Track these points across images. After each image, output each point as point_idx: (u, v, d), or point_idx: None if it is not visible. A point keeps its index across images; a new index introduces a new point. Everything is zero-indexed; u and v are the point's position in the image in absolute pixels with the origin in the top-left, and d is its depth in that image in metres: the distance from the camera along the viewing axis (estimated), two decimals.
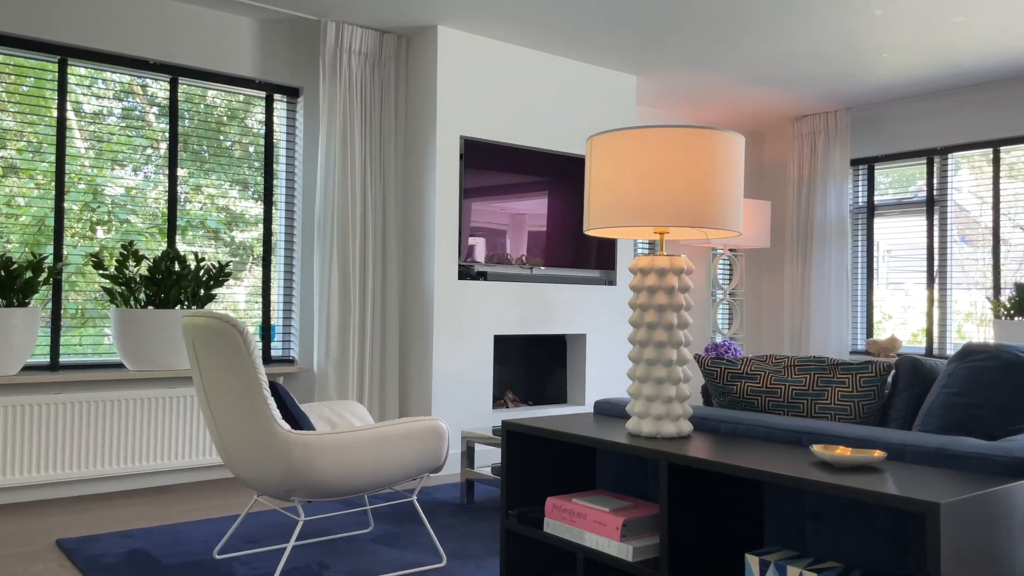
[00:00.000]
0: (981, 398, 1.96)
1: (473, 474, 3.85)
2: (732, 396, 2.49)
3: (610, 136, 2.16)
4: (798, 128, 6.75)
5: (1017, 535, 1.64)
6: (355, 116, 4.67)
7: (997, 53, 5.07)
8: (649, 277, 2.21)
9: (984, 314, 5.91)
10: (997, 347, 2.01)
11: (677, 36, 4.80)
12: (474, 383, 4.75)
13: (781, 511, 2.04)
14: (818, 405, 2.33)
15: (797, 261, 6.69)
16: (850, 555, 1.89)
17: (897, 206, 6.40)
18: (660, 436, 2.15)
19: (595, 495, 2.29)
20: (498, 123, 4.92)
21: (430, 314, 4.62)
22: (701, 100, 6.24)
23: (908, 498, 1.51)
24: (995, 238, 5.79)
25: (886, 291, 6.50)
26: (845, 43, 4.90)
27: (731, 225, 2.14)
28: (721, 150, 2.10)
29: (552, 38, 4.86)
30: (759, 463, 1.82)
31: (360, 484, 2.74)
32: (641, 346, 2.21)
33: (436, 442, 2.88)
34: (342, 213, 4.63)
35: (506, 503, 2.40)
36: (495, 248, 4.87)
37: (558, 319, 5.12)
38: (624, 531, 2.04)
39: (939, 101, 6.04)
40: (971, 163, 6.00)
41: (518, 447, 2.44)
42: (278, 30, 4.72)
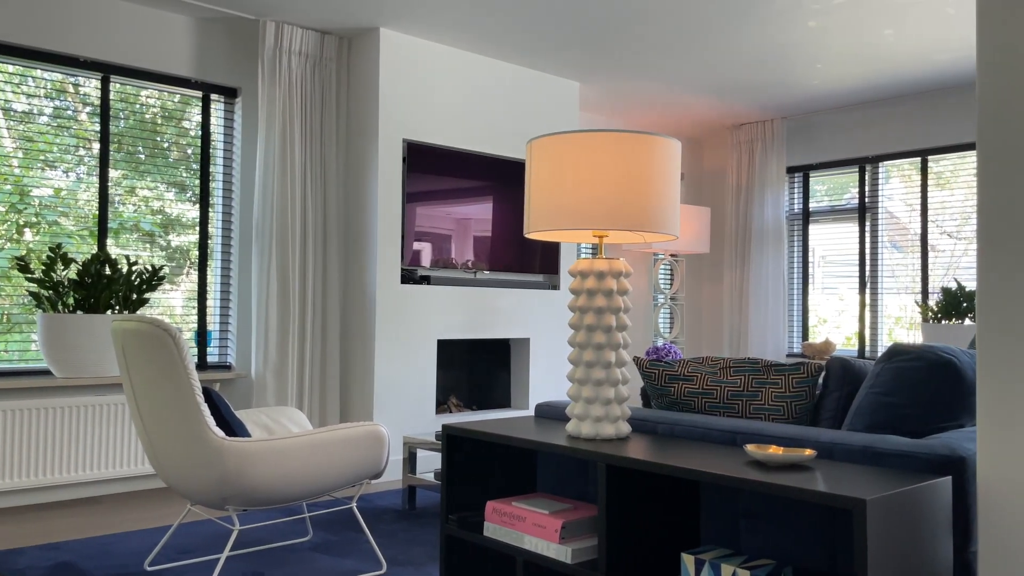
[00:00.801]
0: (906, 397, 2.02)
1: (415, 480, 3.82)
2: (670, 397, 2.52)
3: (549, 139, 2.17)
4: (736, 136, 6.90)
5: (940, 530, 1.69)
6: (295, 118, 4.60)
7: (925, 65, 5.26)
8: (588, 280, 2.22)
9: (913, 318, 6.11)
10: (921, 348, 2.08)
11: (619, 44, 4.86)
12: (417, 388, 4.72)
13: (717, 510, 2.07)
14: (753, 405, 2.38)
15: (736, 266, 6.82)
16: (783, 552, 1.93)
17: (831, 213, 6.59)
18: (599, 438, 2.16)
19: (535, 498, 2.29)
20: (442, 127, 4.90)
21: (372, 319, 4.58)
22: (643, 107, 6.32)
23: (836, 495, 1.54)
24: (923, 244, 5.99)
25: (821, 295, 6.68)
26: (781, 54, 5.02)
27: (668, 228, 2.17)
28: (658, 154, 2.13)
29: (496, 43, 4.87)
30: (695, 463, 1.84)
31: (298, 492, 2.69)
32: (580, 348, 2.22)
33: (376, 448, 2.84)
34: (282, 216, 4.56)
35: (446, 508, 2.39)
36: (440, 253, 4.85)
37: (502, 323, 5.12)
38: (563, 533, 2.05)
39: (870, 111, 6.24)
40: (901, 172, 6.21)
41: (459, 452, 2.43)
42: (215, 29, 4.63)
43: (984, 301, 1.75)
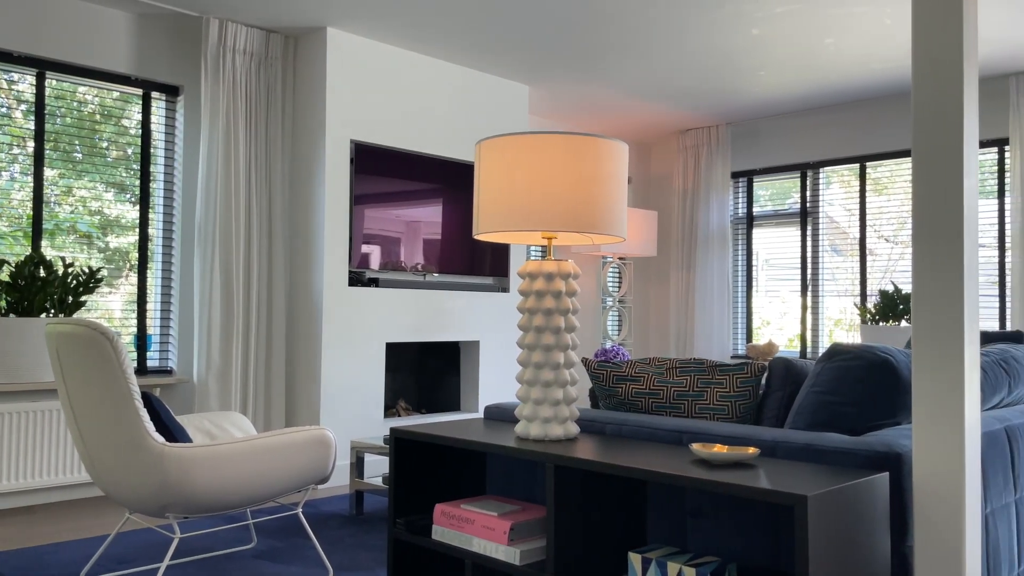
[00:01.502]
0: (846, 396, 2.07)
1: (363, 485, 3.78)
2: (618, 398, 2.54)
3: (498, 141, 2.17)
4: (683, 141, 7.00)
5: (878, 524, 1.74)
6: (239, 117, 4.51)
7: (864, 74, 5.41)
8: (537, 282, 2.22)
9: (852, 320, 6.28)
10: (860, 347, 2.13)
11: (568, 49, 4.89)
12: (365, 392, 4.67)
13: (664, 509, 2.09)
14: (698, 405, 2.41)
15: (682, 269, 6.92)
16: (729, 549, 1.96)
17: (774, 217, 6.73)
18: (548, 439, 2.17)
19: (484, 500, 2.29)
20: (391, 128, 4.87)
21: (319, 322, 4.51)
22: (592, 111, 6.38)
23: (778, 491, 1.57)
24: (862, 248, 6.17)
25: (765, 298, 6.82)
26: (725, 61, 5.12)
27: (615, 230, 2.18)
28: (605, 157, 2.15)
29: (445, 45, 4.86)
30: (642, 463, 1.86)
31: (241, 498, 2.63)
32: (529, 350, 2.23)
33: (322, 452, 2.80)
34: (225, 217, 4.47)
35: (393, 512, 2.37)
36: (390, 255, 4.81)
37: (452, 326, 5.10)
38: (512, 535, 2.04)
39: (812, 118, 6.40)
40: (840, 177, 6.38)
41: (407, 455, 2.41)
42: (156, 25, 4.52)
43: (918, 303, 1.80)
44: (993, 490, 2.14)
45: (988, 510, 2.11)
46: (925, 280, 1.80)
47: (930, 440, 1.78)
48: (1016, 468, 2.28)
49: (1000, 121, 5.50)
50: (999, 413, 2.40)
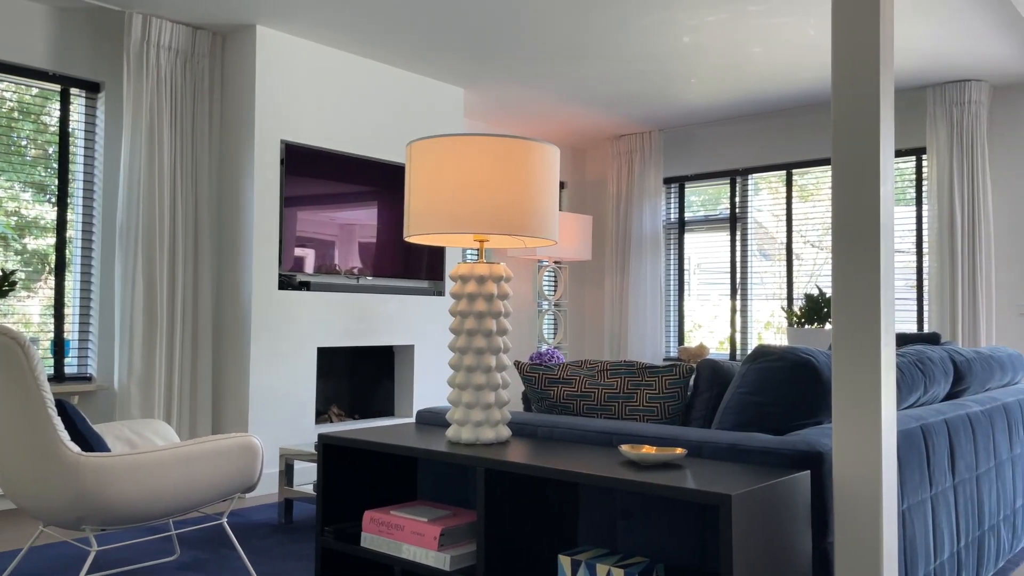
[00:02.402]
0: (770, 396, 2.11)
1: (292, 492, 3.70)
2: (550, 401, 2.54)
3: (429, 142, 2.15)
4: (616, 147, 7.09)
5: (800, 522, 1.78)
6: (164, 115, 4.38)
7: (790, 83, 5.57)
8: (469, 284, 2.21)
9: (780, 322, 6.44)
10: (784, 349, 2.18)
11: (503, 53, 4.89)
12: (295, 398, 4.58)
13: (595, 511, 2.10)
14: (628, 407, 2.43)
15: (616, 273, 7.00)
16: (657, 549, 1.98)
17: (705, 222, 6.87)
18: (479, 442, 2.15)
19: (415, 506, 2.26)
20: (323, 129, 4.79)
21: (247, 326, 4.41)
22: (527, 115, 6.40)
23: (703, 491, 1.59)
24: (788, 253, 6.34)
25: (696, 302, 6.95)
26: (658, 68, 5.20)
27: (547, 233, 2.19)
28: (536, 160, 2.15)
29: (379, 46, 4.81)
30: (572, 465, 1.86)
31: (162, 509, 2.54)
32: (461, 353, 2.21)
33: (248, 460, 2.73)
34: (148, 218, 4.32)
35: (322, 519, 2.32)
36: (324, 258, 4.73)
37: (386, 330, 5.04)
38: (442, 540, 2.02)
39: (741, 125, 6.55)
40: (768, 184, 6.55)
41: (336, 462, 2.37)
42: (76, 20, 4.35)
43: (838, 306, 1.85)
44: (909, 486, 2.21)
45: (905, 506, 2.18)
46: (844, 283, 1.85)
47: (849, 439, 1.83)
48: (931, 465, 2.37)
49: (918, 131, 5.73)
50: (915, 412, 2.49)
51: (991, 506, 2.88)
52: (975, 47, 4.76)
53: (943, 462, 2.45)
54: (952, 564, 2.51)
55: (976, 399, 3.04)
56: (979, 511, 2.76)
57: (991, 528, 2.89)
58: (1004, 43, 4.68)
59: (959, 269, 5.36)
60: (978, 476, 2.75)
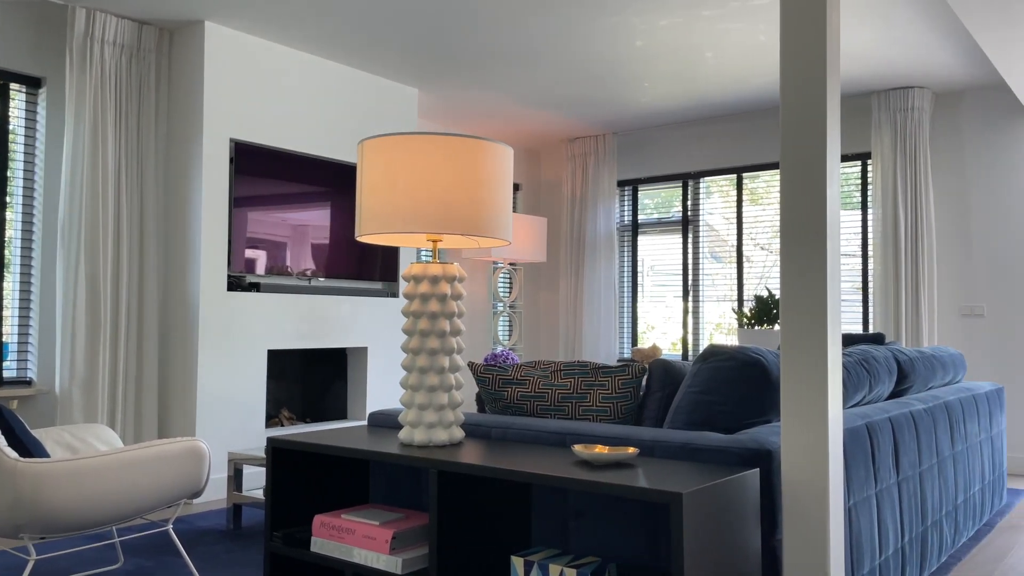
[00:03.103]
0: (721, 395, 2.14)
1: (241, 498, 3.62)
2: (504, 402, 2.53)
3: (381, 141, 2.12)
4: (571, 149, 7.12)
5: (750, 519, 1.80)
6: (108, 111, 4.26)
7: (741, 88, 5.66)
8: (422, 285, 2.19)
9: (731, 324, 6.54)
10: (734, 348, 2.21)
11: (457, 54, 4.88)
12: (245, 401, 4.49)
13: (548, 511, 2.10)
14: (582, 407, 2.43)
15: (571, 275, 7.03)
16: (610, 549, 1.98)
17: (658, 225, 6.94)
18: (432, 444, 2.14)
19: (366, 509, 2.23)
20: (274, 128, 4.71)
21: (194, 328, 4.31)
22: (482, 116, 6.39)
23: (654, 490, 1.60)
24: (739, 256, 6.44)
25: (650, 303, 7.01)
26: (611, 71, 5.23)
27: (500, 234, 2.18)
28: (489, 160, 2.14)
29: (331, 44, 4.75)
30: (524, 465, 1.85)
31: (104, 516, 2.46)
32: (414, 354, 2.19)
33: (195, 465, 2.67)
34: (91, 218, 4.20)
35: (270, 524, 2.27)
36: (276, 260, 4.65)
37: (338, 332, 4.98)
38: (394, 544, 2.00)
39: (693, 129, 6.64)
40: (720, 187, 6.65)
41: (285, 465, 2.32)
42: (16, 12, 4.21)
43: (786, 306, 1.88)
44: (855, 483, 2.25)
45: (851, 502, 2.23)
46: (792, 285, 1.88)
47: (797, 437, 1.86)
48: (876, 462, 2.42)
49: (864, 136, 5.87)
50: (861, 410, 2.54)
51: (934, 502, 2.96)
52: (918, 55, 4.90)
53: (888, 459, 2.51)
54: (897, 559, 2.56)
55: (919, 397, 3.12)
56: (922, 507, 2.83)
57: (934, 524, 2.96)
58: (946, 52, 4.82)
59: (903, 271, 5.50)
60: (921, 473, 2.82)
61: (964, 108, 5.55)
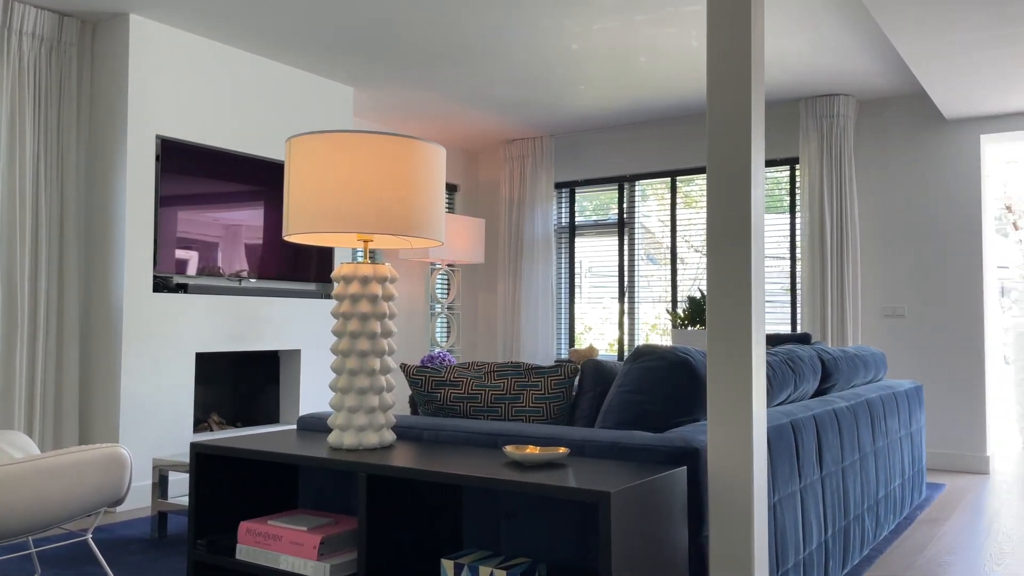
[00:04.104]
0: (650, 394, 2.16)
1: (166, 505, 3.52)
2: (437, 403, 2.51)
3: (310, 138, 2.09)
4: (509, 151, 7.13)
5: (677, 517, 1.82)
6: (26, 106, 4.09)
7: (675, 93, 5.75)
8: (352, 285, 2.16)
9: (665, 325, 6.64)
10: (663, 348, 2.24)
11: (392, 53, 4.83)
12: (172, 406, 4.36)
13: (479, 513, 2.09)
14: (515, 408, 2.43)
15: (509, 276, 7.04)
16: (541, 549, 1.98)
17: (595, 227, 7.00)
18: (362, 448, 2.11)
19: (294, 515, 2.18)
20: (204, 125, 4.59)
21: (118, 331, 4.16)
22: (419, 117, 6.35)
23: (583, 489, 1.61)
24: (673, 258, 6.54)
25: (588, 305, 7.07)
26: (547, 73, 5.26)
27: (432, 234, 2.16)
28: (421, 159, 2.12)
29: (264, 40, 4.66)
30: (455, 467, 1.84)
31: (19, 525, 2.36)
32: (344, 356, 2.16)
33: (116, 472, 2.57)
34: (8, 216, 4.03)
35: (194, 532, 2.21)
36: (207, 260, 4.53)
37: (271, 334, 4.88)
38: (322, 549, 1.96)
39: (628, 133, 6.72)
40: (654, 190, 6.75)
41: (210, 471, 2.26)
42: None
43: (712, 307, 1.91)
44: (780, 480, 2.31)
45: (776, 498, 2.28)
46: (718, 286, 1.91)
47: (723, 435, 1.89)
48: (800, 459, 2.48)
49: (792, 142, 6.03)
50: (786, 408, 2.60)
51: (856, 497, 3.05)
52: (844, 64, 5.05)
53: (812, 456, 2.58)
54: (820, 553, 2.63)
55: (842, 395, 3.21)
56: (845, 502, 2.92)
57: (856, 518, 3.06)
58: (869, 61, 4.99)
59: (828, 273, 5.67)
60: (844, 468, 2.91)
61: (887, 116, 5.76)
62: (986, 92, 4.90)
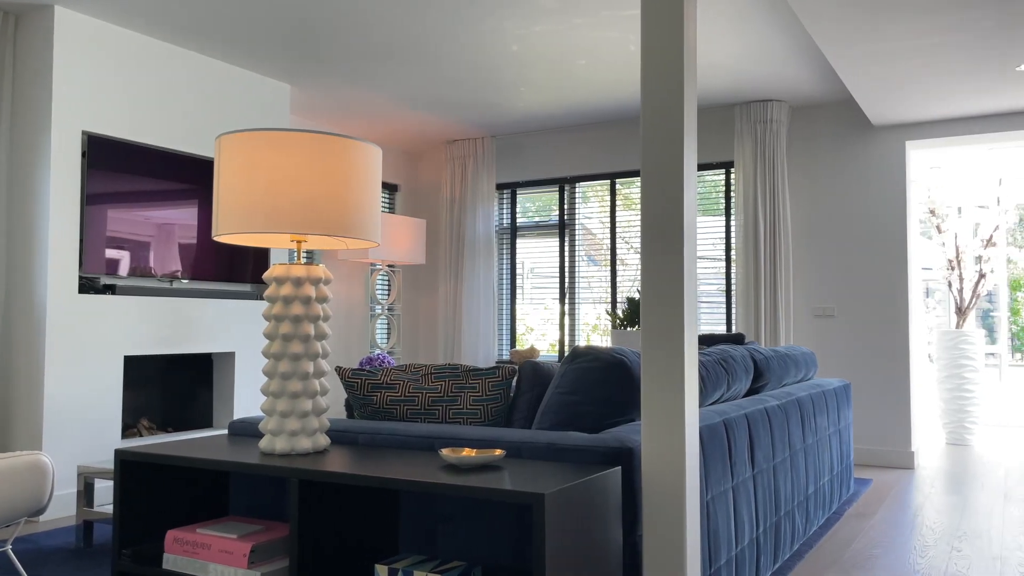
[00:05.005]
0: (586, 395, 2.17)
1: (92, 514, 3.40)
2: (373, 407, 2.48)
3: (241, 136, 2.04)
4: (450, 151, 7.11)
5: (612, 517, 1.83)
6: None
7: (614, 96, 5.81)
8: (284, 287, 2.12)
9: (606, 325, 6.70)
10: (599, 349, 2.25)
11: (331, 50, 4.76)
12: (99, 411, 4.21)
13: (416, 517, 2.07)
14: (452, 410, 2.42)
15: (450, 277, 7.01)
16: (478, 553, 1.97)
17: (536, 228, 7.03)
18: (295, 453, 2.07)
19: (224, 523, 2.13)
20: (134, 121, 4.45)
21: (41, 333, 4.01)
22: (358, 116, 6.28)
23: (517, 491, 1.60)
24: (613, 259, 6.61)
25: (530, 305, 7.09)
26: (489, 75, 5.26)
27: (367, 235, 2.13)
28: (356, 159, 2.09)
29: (196, 35, 4.54)
30: (390, 471, 1.82)
31: None
32: (276, 359, 2.11)
33: (37, 480, 2.47)
34: None
35: (119, 541, 2.13)
36: (139, 260, 4.39)
37: (204, 336, 4.75)
38: (252, 557, 1.92)
39: (569, 135, 6.76)
40: (595, 192, 6.81)
41: (137, 478, 2.19)
42: None
43: (646, 307, 1.93)
44: (713, 478, 2.35)
45: (709, 496, 2.31)
46: (651, 287, 1.93)
47: (656, 434, 1.91)
48: (733, 457, 2.53)
49: (728, 146, 6.16)
50: (719, 407, 2.65)
51: (787, 493, 3.13)
52: (777, 70, 5.18)
53: (744, 454, 2.63)
54: (752, 549, 2.69)
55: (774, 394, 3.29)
56: (776, 498, 2.98)
57: (787, 514, 3.13)
58: (801, 68, 5.12)
59: (762, 274, 5.80)
60: (775, 466, 2.97)
61: (818, 122, 5.92)
62: (911, 100, 5.08)
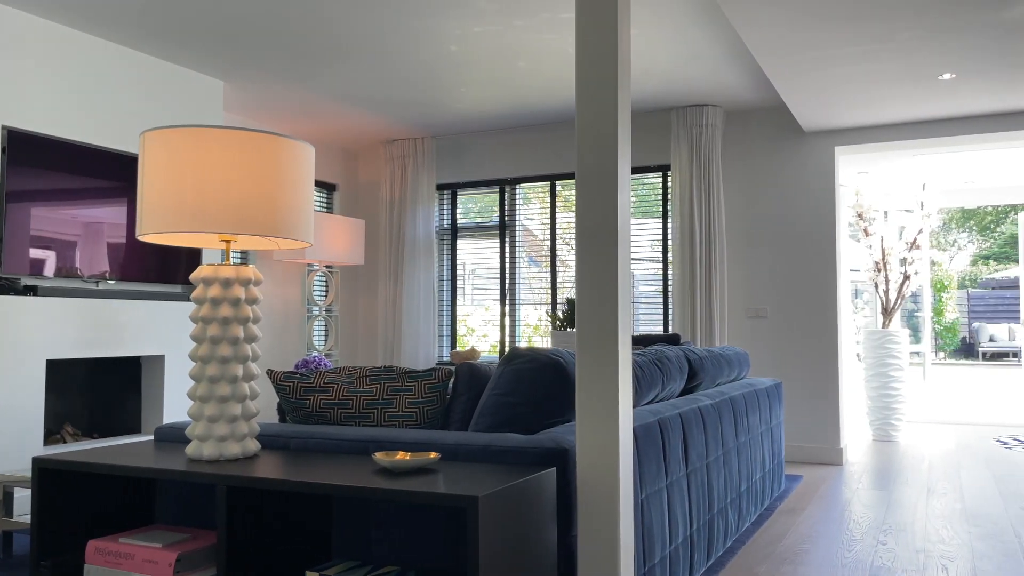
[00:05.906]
0: (522, 396, 2.17)
1: (11, 524, 3.25)
2: (306, 410, 2.44)
3: (166, 132, 1.98)
4: (390, 151, 7.04)
5: (546, 518, 1.83)
6: None
7: (553, 98, 5.83)
8: (212, 288, 2.06)
9: (546, 326, 6.73)
10: (536, 350, 2.25)
11: (264, 47, 4.67)
12: (18, 416, 4.04)
13: (349, 523, 2.04)
14: (388, 413, 2.39)
15: (390, 278, 6.94)
16: (413, 557, 1.95)
17: (477, 229, 7.01)
18: (223, 458, 2.01)
19: (149, 531, 2.06)
20: (58, 117, 4.28)
21: None
22: (295, 114, 6.17)
23: (451, 495, 1.59)
24: (553, 260, 6.64)
25: (471, 306, 7.07)
26: (428, 74, 5.22)
27: (299, 235, 2.09)
28: (288, 158, 2.05)
29: (124, 29, 4.39)
30: (323, 476, 1.79)
31: None
32: (203, 363, 2.05)
33: None
34: None
35: (37, 553, 2.05)
36: (65, 260, 4.22)
37: (132, 339, 4.60)
38: (177, 567, 1.86)
39: (509, 136, 6.77)
40: (535, 194, 6.83)
41: (56, 487, 2.10)
42: None
43: (581, 309, 1.94)
44: (648, 477, 2.37)
45: (644, 495, 2.34)
46: (586, 288, 1.94)
47: (590, 435, 1.92)
48: (667, 456, 2.56)
49: (665, 149, 6.25)
50: (653, 407, 2.68)
51: (720, 491, 3.18)
52: (712, 75, 5.27)
53: (678, 453, 2.66)
54: (686, 547, 2.72)
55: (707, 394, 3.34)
56: (709, 496, 3.03)
57: (720, 511, 3.18)
58: (736, 74, 5.23)
59: (698, 275, 5.90)
60: (708, 464, 3.02)
61: (751, 126, 6.05)
62: (840, 107, 5.23)
